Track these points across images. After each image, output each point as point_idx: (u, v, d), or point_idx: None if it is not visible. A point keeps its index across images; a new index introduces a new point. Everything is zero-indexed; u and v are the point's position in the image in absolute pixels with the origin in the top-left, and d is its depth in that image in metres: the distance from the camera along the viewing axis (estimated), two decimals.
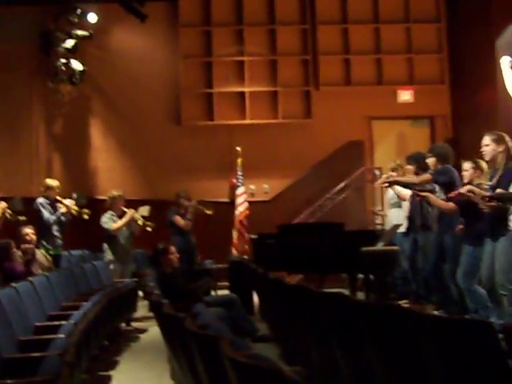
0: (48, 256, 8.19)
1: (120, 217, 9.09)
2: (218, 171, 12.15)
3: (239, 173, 11.37)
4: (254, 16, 12.47)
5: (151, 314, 8.60)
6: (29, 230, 7.81)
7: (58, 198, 8.99)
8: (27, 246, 7.67)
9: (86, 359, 5.24)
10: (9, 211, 8.36)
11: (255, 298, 8.23)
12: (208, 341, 2.64)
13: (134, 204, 9.56)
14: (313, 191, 12.38)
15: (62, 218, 8.89)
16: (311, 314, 4.12)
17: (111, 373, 5.99)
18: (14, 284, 5.13)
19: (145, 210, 9.30)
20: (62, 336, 4.33)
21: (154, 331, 7.59)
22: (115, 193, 9.31)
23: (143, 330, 8.16)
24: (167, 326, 3.80)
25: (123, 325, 8.31)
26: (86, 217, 9.08)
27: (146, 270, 9.26)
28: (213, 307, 6.20)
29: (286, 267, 8.09)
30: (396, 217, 8.83)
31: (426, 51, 12.75)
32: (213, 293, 9.73)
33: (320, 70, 12.54)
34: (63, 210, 8.89)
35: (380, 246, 7.99)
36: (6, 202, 8.53)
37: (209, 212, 10.05)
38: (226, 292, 9.21)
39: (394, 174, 8.70)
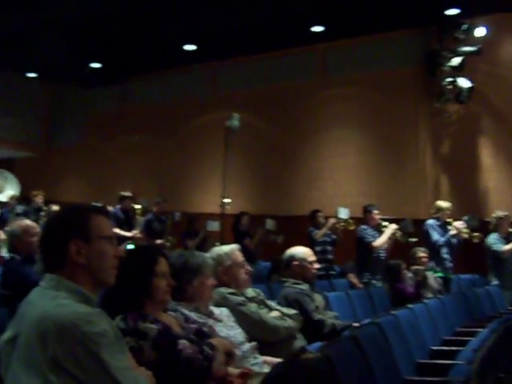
0: (438, 279, 8.09)
1: (505, 238, 8.76)
2: None
3: None
4: None
5: None
6: (423, 254, 8.03)
7: (449, 220, 9.00)
8: (418, 267, 7.67)
9: None
10: (399, 232, 8.57)
11: None
12: None
13: None
14: None
15: (453, 240, 8.80)
16: None
17: None
18: (409, 305, 5.04)
19: None
20: (461, 362, 3.99)
21: None
22: (500, 213, 9.10)
23: None
24: None
25: None
26: (476, 240, 8.91)
27: None
28: None
29: None
30: None
31: None
32: None
33: None
34: (453, 232, 8.83)
35: None
36: (396, 223, 8.74)
37: None
38: None
39: None
